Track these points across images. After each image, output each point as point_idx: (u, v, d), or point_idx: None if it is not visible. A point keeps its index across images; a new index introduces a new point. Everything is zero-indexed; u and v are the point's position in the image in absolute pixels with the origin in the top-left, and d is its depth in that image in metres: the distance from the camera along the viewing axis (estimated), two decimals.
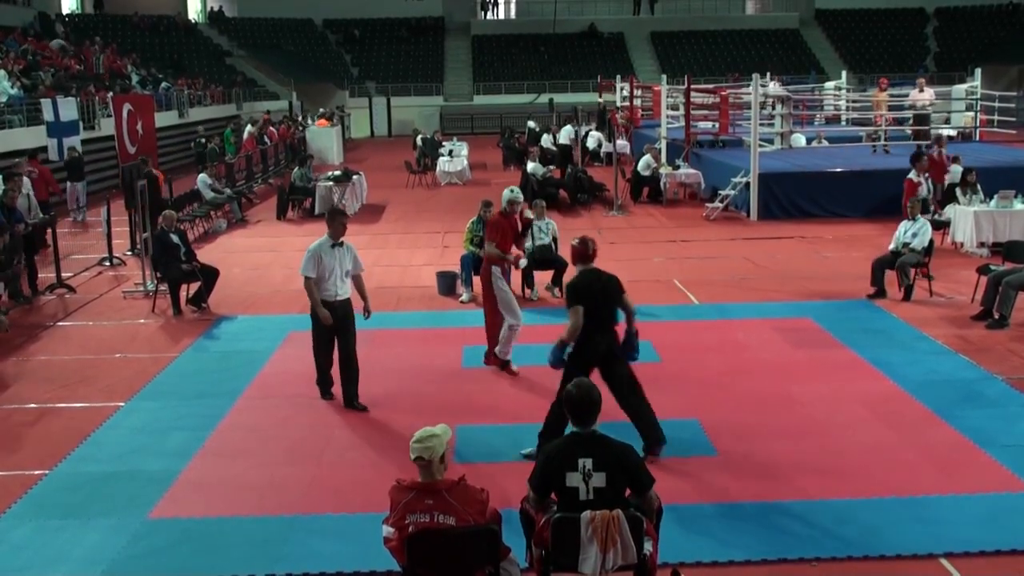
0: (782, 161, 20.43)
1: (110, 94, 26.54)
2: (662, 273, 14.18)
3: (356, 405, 8.70)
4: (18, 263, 13.09)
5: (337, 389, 8.90)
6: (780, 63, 47.81)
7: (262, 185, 26.23)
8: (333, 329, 8.56)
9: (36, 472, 7.45)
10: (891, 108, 24.04)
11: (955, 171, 17.21)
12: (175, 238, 12.75)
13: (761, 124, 19.88)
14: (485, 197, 13.57)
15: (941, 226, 15.39)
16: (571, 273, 7.76)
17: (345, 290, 8.64)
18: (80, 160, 20.69)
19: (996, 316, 10.89)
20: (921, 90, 22.21)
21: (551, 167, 23.40)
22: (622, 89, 32.90)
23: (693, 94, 24.02)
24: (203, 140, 28.58)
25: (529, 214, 10.23)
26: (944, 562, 5.81)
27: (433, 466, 4.86)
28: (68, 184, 20.75)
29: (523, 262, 11.36)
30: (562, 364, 7.18)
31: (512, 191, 9.90)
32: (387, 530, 4.87)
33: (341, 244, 8.57)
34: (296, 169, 21.96)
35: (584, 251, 7.45)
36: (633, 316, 7.46)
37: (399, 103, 48.41)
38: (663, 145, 24.35)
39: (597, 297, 7.26)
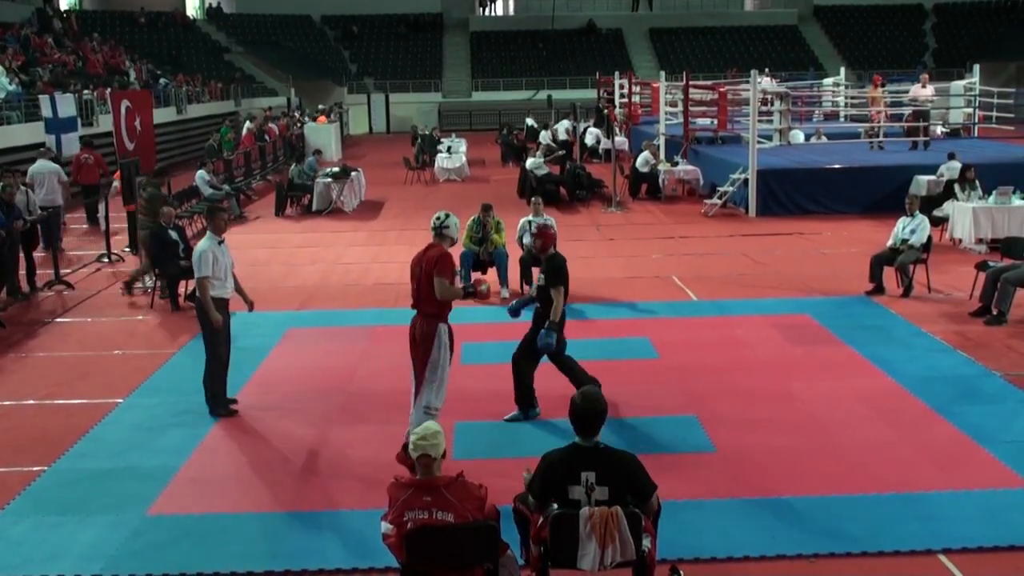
0: (781, 157, 20.42)
1: (108, 90, 26.49)
2: (660, 270, 14.18)
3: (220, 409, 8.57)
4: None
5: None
6: (779, 59, 47.82)
7: (261, 182, 26.22)
8: (223, 330, 8.44)
9: (35, 468, 7.45)
10: (888, 104, 24.04)
11: (953, 167, 17.21)
12: (173, 234, 12.75)
13: (760, 120, 19.88)
14: (483, 193, 13.58)
15: (939, 222, 15.39)
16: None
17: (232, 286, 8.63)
18: (57, 162, 19.32)
19: (995, 312, 10.90)
20: (924, 86, 22.22)
21: (553, 154, 23.36)
22: (620, 86, 32.86)
23: (692, 90, 24.01)
24: (249, 122, 28.86)
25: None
26: (943, 558, 5.82)
27: (435, 463, 4.86)
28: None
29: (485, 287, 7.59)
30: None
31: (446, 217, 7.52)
32: (386, 526, 4.87)
33: (223, 240, 8.53)
34: (294, 166, 21.95)
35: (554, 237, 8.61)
36: None
37: (397, 99, 48.37)
38: (662, 141, 24.34)
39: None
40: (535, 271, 12.74)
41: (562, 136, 28.74)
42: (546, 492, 4.96)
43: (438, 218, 7.44)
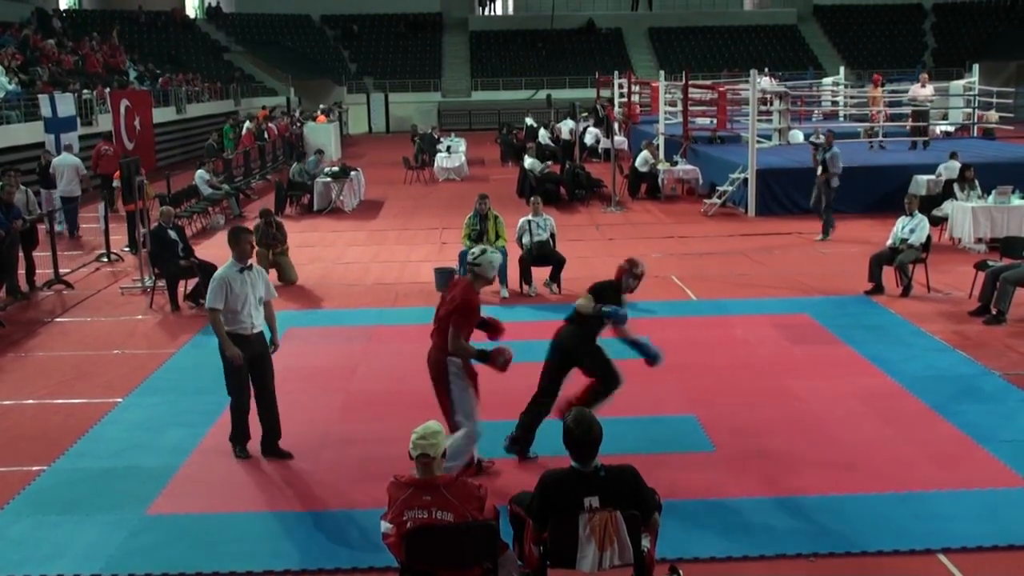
0: (780, 157, 20.42)
1: (107, 90, 26.50)
2: (660, 269, 14.17)
3: (279, 452, 7.60)
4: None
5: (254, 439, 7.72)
6: (778, 59, 47.80)
7: (260, 181, 26.22)
8: (249, 367, 7.44)
9: (34, 468, 7.45)
10: (888, 104, 24.04)
11: (952, 167, 17.22)
12: (173, 234, 12.75)
13: (759, 120, 19.88)
14: (481, 191, 13.60)
15: (939, 222, 15.40)
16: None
17: (261, 320, 7.55)
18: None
19: (994, 312, 10.90)
20: (923, 85, 22.23)
21: (549, 163, 23.39)
22: (620, 85, 32.86)
23: (691, 90, 24.01)
24: (249, 122, 29.12)
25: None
26: (942, 558, 5.82)
27: (434, 463, 4.86)
28: (43, 192, 18.37)
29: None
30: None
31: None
32: (385, 526, 4.87)
33: (250, 267, 7.47)
34: (295, 164, 21.98)
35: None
36: None
37: (397, 99, 48.35)
38: (661, 141, 24.34)
39: None
40: (535, 271, 12.82)
41: (565, 136, 28.74)
42: (545, 514, 4.87)
43: (472, 253, 6.82)
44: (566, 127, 29.37)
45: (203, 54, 46.51)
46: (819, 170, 16.33)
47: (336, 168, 22.07)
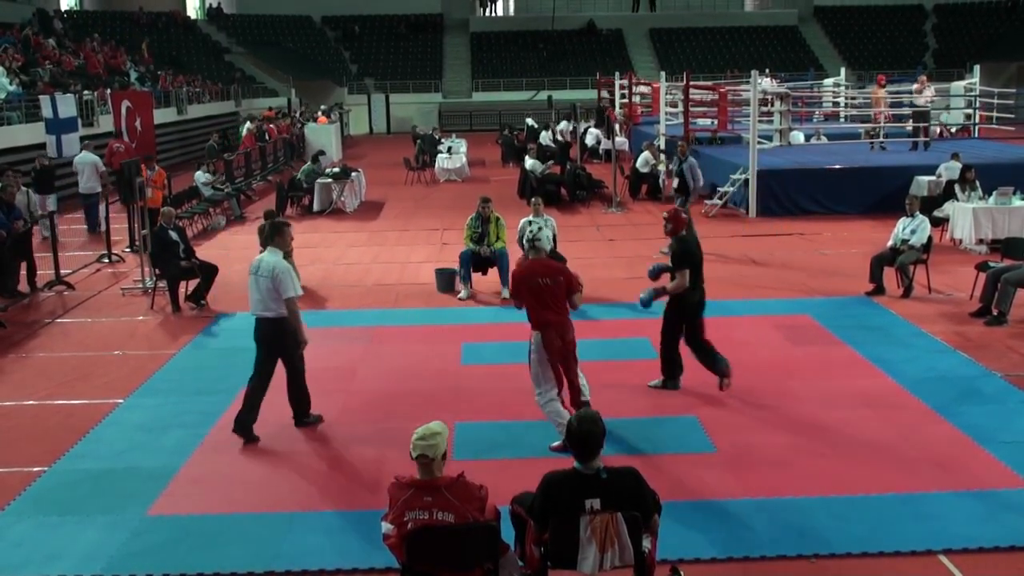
0: (781, 158, 20.42)
1: (108, 91, 26.51)
2: None
3: (310, 419, 8.30)
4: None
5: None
6: (779, 60, 47.83)
7: (261, 182, 26.22)
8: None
9: (35, 469, 7.45)
10: (890, 105, 24.03)
11: (952, 167, 17.22)
12: (174, 235, 12.75)
13: (760, 121, 19.88)
14: (483, 193, 13.60)
15: (940, 223, 15.39)
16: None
17: None
18: (51, 171, 18.53)
19: (995, 313, 10.89)
20: (922, 87, 22.22)
21: (550, 163, 23.40)
22: (621, 86, 32.87)
23: (692, 91, 24.01)
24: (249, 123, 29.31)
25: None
26: (943, 559, 5.82)
27: (434, 464, 4.86)
28: (37, 197, 16.94)
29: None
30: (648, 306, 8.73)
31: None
32: (386, 527, 4.87)
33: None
34: (308, 164, 22.09)
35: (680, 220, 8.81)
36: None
37: (398, 100, 48.39)
38: (662, 142, 24.33)
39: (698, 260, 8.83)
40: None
41: (557, 137, 28.78)
42: (546, 515, 4.88)
43: (531, 231, 7.78)
44: (557, 127, 29.46)
45: (204, 55, 46.53)
46: (674, 183, 16.21)
47: (337, 169, 22.10)
